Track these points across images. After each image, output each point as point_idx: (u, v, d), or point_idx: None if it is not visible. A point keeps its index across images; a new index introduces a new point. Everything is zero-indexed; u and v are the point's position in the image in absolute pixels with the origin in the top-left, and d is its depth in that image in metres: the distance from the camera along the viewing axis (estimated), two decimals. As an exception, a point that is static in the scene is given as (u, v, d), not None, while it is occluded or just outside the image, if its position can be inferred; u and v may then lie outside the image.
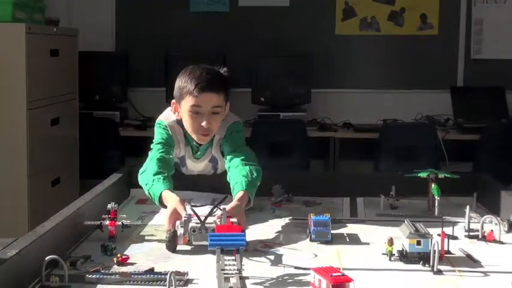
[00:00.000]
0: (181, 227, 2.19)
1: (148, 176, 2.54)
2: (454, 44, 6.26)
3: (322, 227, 2.25)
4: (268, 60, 6.11)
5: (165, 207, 2.41)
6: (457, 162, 5.58)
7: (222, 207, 2.23)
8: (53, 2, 5.68)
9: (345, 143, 5.85)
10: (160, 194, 2.44)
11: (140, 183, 2.61)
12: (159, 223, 2.48)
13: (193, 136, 2.69)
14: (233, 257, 1.84)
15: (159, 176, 2.52)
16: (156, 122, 2.79)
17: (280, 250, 2.17)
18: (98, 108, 5.91)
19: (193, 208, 2.25)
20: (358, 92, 6.29)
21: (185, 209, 2.26)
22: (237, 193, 2.41)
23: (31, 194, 4.50)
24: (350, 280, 1.65)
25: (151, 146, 2.72)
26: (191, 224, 2.17)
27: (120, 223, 2.27)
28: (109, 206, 2.30)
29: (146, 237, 2.31)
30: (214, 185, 2.82)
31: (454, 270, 1.96)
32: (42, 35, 4.72)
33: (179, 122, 2.73)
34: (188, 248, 2.17)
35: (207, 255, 2.06)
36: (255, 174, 2.51)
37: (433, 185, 2.61)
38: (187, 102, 2.59)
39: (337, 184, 2.97)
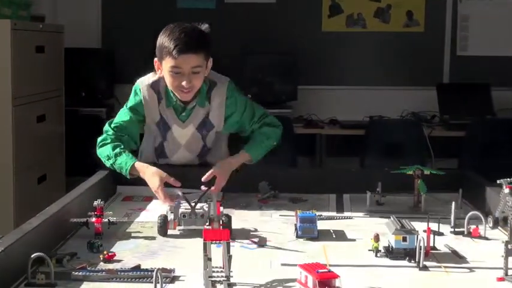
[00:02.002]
0: (171, 212, 2.31)
1: (109, 150, 2.79)
2: (440, 40, 6.29)
3: (308, 224, 2.25)
4: (255, 57, 6.11)
5: (134, 176, 2.71)
6: (443, 158, 5.61)
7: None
8: (39, -1, 5.66)
9: (331, 140, 5.86)
10: (132, 165, 2.70)
11: (99, 155, 2.83)
12: (146, 220, 2.49)
13: (176, 94, 2.77)
14: (221, 264, 1.81)
15: (121, 150, 2.77)
16: (135, 84, 2.94)
17: (267, 246, 2.18)
18: (84, 105, 5.89)
19: (181, 195, 2.38)
20: (344, 88, 6.30)
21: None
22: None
23: (17, 191, 4.48)
24: (336, 276, 1.65)
25: (119, 112, 2.96)
26: (181, 210, 2.30)
27: (106, 220, 2.27)
28: (95, 203, 2.29)
29: (133, 234, 2.31)
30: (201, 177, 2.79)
31: (439, 266, 1.97)
32: (27, 32, 4.69)
33: (155, 84, 2.85)
34: (177, 245, 2.16)
35: (193, 251, 2.05)
36: (264, 133, 2.92)
37: (419, 182, 2.62)
38: (167, 63, 2.67)
39: (324, 181, 2.97)
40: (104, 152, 2.81)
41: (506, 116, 5.90)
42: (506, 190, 1.95)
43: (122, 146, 2.80)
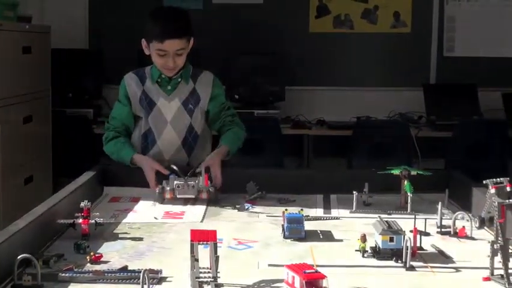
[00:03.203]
0: (167, 184, 2.72)
1: (111, 146, 3.09)
2: (427, 41, 6.32)
3: (295, 224, 2.26)
4: (242, 58, 6.12)
5: (134, 165, 2.97)
6: (430, 159, 5.63)
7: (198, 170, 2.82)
8: (25, -1, 5.63)
9: (318, 141, 5.87)
10: (131, 157, 2.98)
11: (106, 151, 3.13)
12: (133, 221, 2.49)
13: (162, 71, 3.08)
14: (208, 265, 1.81)
15: (121, 144, 3.07)
16: None
17: (254, 247, 2.18)
18: (71, 106, 5.87)
19: (176, 169, 2.81)
20: (331, 89, 6.31)
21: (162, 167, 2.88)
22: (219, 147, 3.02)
23: (3, 192, 4.46)
24: (323, 277, 1.66)
25: (114, 106, 3.22)
26: (176, 182, 2.71)
27: (93, 221, 2.26)
28: (82, 204, 2.29)
29: (120, 235, 2.30)
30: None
31: (426, 266, 1.98)
32: (14, 32, 4.68)
33: (137, 71, 3.17)
34: (164, 246, 2.17)
35: (180, 252, 2.06)
36: (237, 134, 3.14)
37: (405, 182, 2.63)
38: (154, 46, 3.00)
39: (311, 181, 2.98)
40: (108, 148, 3.12)
41: (493, 116, 5.92)
42: (492, 190, 1.95)
43: (122, 140, 3.09)
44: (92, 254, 2.02)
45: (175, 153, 3.10)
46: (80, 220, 2.25)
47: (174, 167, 2.84)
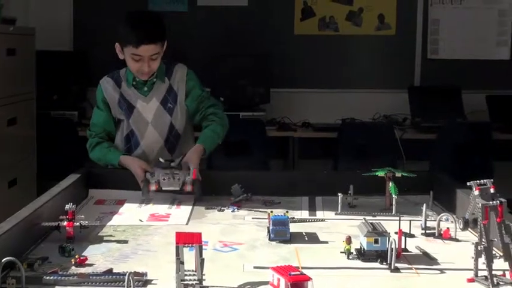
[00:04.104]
0: (152, 177, 2.77)
1: (97, 153, 3.11)
2: (411, 44, 6.35)
3: (281, 226, 2.26)
4: (227, 60, 6.12)
5: (123, 166, 2.99)
6: (414, 161, 5.64)
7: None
8: (10, 1, 5.59)
9: (304, 143, 5.88)
10: (119, 160, 3.01)
11: (92, 158, 3.14)
12: (118, 223, 2.48)
13: (136, 75, 3.09)
14: (193, 267, 1.80)
15: (106, 149, 3.10)
16: None
17: (240, 249, 2.18)
18: (56, 108, 5.85)
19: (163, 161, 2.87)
20: (317, 91, 6.33)
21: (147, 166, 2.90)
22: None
23: (-13, 195, 4.44)
24: (308, 279, 1.66)
25: (93, 112, 3.21)
26: (161, 174, 2.77)
27: (78, 224, 2.25)
28: (67, 206, 2.28)
29: (105, 238, 2.29)
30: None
31: (411, 268, 1.99)
32: (-2, 34, 4.66)
33: (112, 74, 3.19)
34: (149, 248, 2.17)
35: (166, 255, 2.05)
36: (215, 131, 3.10)
37: (390, 184, 2.63)
38: (129, 50, 3.00)
39: (296, 183, 2.98)
40: (94, 155, 3.14)
41: (477, 118, 5.96)
42: (476, 192, 1.96)
43: (106, 145, 3.12)
44: (76, 256, 2.01)
45: (158, 154, 3.11)
46: (65, 223, 2.24)
47: (162, 160, 2.88)
